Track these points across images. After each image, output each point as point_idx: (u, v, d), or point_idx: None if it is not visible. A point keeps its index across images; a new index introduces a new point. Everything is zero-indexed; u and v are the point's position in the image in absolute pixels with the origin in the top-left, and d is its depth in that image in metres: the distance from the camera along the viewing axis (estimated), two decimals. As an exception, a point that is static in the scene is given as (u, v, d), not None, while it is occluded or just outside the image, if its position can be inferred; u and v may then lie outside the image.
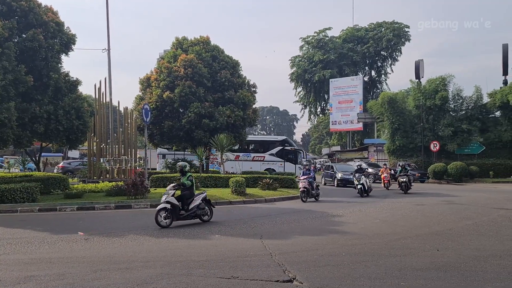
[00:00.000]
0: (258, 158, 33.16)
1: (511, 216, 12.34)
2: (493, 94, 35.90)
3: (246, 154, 33.91)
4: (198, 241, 8.70)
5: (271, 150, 33.67)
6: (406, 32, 54.18)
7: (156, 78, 27.40)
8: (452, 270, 6.29)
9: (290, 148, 33.57)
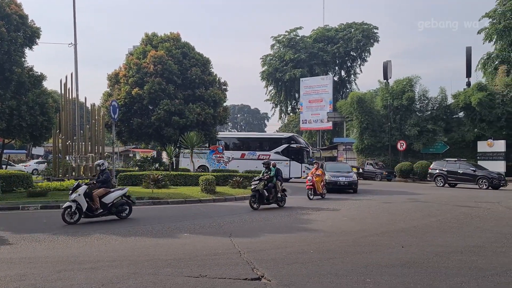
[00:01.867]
0: (263, 156, 30.80)
1: (472, 213, 12.77)
2: (457, 95, 37.09)
3: (251, 152, 32.09)
4: (166, 239, 8.59)
5: (277, 148, 31.47)
6: (375, 33, 55.25)
7: (125, 74, 26.91)
8: (416, 266, 6.45)
9: (296, 145, 30.87)
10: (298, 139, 32.08)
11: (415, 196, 18.56)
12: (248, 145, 33.19)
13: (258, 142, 33.84)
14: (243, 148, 32.63)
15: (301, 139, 32.97)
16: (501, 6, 38.35)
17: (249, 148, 32.68)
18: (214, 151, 25.71)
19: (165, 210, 13.59)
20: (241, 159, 31.00)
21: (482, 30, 40.59)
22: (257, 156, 31.40)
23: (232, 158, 29.07)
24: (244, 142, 33.81)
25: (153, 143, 36.61)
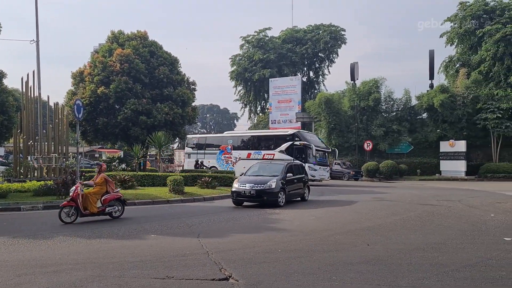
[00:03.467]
0: (268, 156, 28.46)
1: (434, 211, 13.18)
2: (420, 97, 38.26)
3: (257, 152, 29.51)
4: (133, 241, 8.45)
5: (281, 147, 28.52)
6: (342, 35, 56.13)
7: (90, 72, 26.32)
8: (380, 263, 6.61)
9: (299, 143, 27.53)
10: (304, 136, 28.52)
11: (380, 195, 18.99)
12: (254, 144, 30.61)
13: (264, 140, 30.80)
14: (250, 147, 30.16)
15: (309, 136, 29.33)
16: (461, 11, 39.77)
17: (255, 147, 30.17)
18: (223, 151, 25.19)
19: (132, 211, 13.35)
20: (247, 159, 28.45)
21: (444, 33, 41.97)
22: (262, 156, 28.79)
23: (240, 158, 27.07)
24: (250, 141, 31.07)
25: (120, 143, 35.97)
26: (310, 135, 30.12)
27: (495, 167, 33.51)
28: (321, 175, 27.57)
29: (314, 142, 27.96)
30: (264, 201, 14.17)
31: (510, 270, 6.24)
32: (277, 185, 14.25)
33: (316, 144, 28.10)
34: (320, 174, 27.28)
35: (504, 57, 35.23)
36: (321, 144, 29.54)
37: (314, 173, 26.22)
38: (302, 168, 17.34)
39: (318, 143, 28.80)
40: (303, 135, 28.72)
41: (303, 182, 16.42)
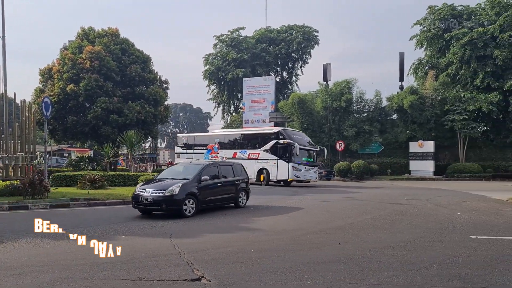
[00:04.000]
0: (253, 155, 26.97)
1: (404, 210, 13.47)
2: (391, 98, 39.05)
3: (242, 151, 27.82)
4: (103, 242, 8.27)
5: (265, 146, 26.71)
6: (315, 36, 56.64)
7: (59, 69, 25.66)
8: (351, 262, 6.71)
9: (283, 141, 25.62)
10: (289, 134, 26.58)
11: (352, 195, 19.27)
12: (240, 142, 29.01)
13: (249, 139, 28.89)
14: (236, 146, 28.69)
15: (295, 134, 27.20)
16: (430, 14, 40.80)
17: (240, 146, 28.63)
18: (210, 150, 24.22)
19: (102, 212, 13.11)
20: (233, 159, 26.78)
21: (414, 36, 42.97)
22: (247, 155, 27.24)
23: (226, 157, 25.33)
24: (236, 140, 29.52)
25: (90, 142, 35.24)
26: (296, 133, 27.96)
27: (462, 167, 34.57)
28: (307, 176, 25.76)
29: (300, 141, 26.00)
30: (164, 210, 11.60)
31: (476, 267, 6.44)
32: (182, 191, 11.65)
33: (302, 143, 26.02)
34: (305, 174, 25.53)
35: (470, 61, 36.35)
36: (308, 143, 27.35)
37: (298, 173, 24.94)
38: (238, 169, 14.73)
39: (304, 142, 26.71)
40: (288, 133, 26.79)
41: (235, 186, 14.00)
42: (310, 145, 27.22)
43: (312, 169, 26.18)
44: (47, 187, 15.05)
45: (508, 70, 35.37)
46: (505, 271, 6.24)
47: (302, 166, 25.26)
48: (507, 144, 36.40)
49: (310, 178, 26.17)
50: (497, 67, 35.34)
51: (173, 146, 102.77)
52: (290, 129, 29.05)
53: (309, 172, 25.87)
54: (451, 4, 40.31)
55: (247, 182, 14.86)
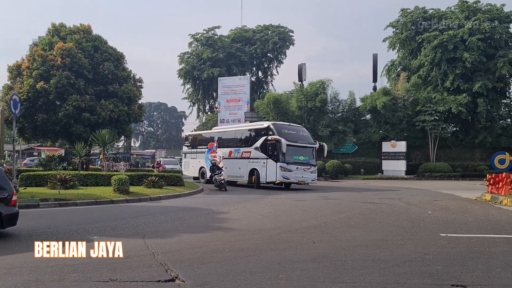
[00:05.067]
0: (245, 154, 24.13)
1: (377, 209, 13.70)
2: (364, 99, 39.69)
3: (236, 149, 25.01)
4: (73, 243, 8.08)
5: (256, 143, 23.46)
6: (291, 36, 56.98)
7: (28, 66, 24.92)
8: (326, 261, 6.76)
9: (272, 137, 22.24)
10: (278, 129, 22.94)
11: (326, 194, 19.47)
12: (235, 140, 26.03)
13: (244, 135, 25.66)
14: (232, 144, 25.79)
15: (286, 129, 23.42)
16: (403, 17, 41.65)
17: (236, 144, 25.64)
18: (210, 149, 23.01)
19: (73, 212, 12.82)
20: (229, 158, 24.75)
21: (387, 38, 43.76)
22: (241, 154, 24.49)
23: (223, 157, 23.30)
24: (233, 137, 26.52)
25: (61, 141, 34.41)
26: (289, 128, 23.93)
27: (432, 167, 35.42)
28: (300, 177, 22.11)
29: (290, 136, 22.34)
30: None
31: (446, 264, 6.59)
32: None
33: (292, 138, 22.31)
34: (297, 176, 21.98)
35: (441, 63, 37.29)
36: (302, 139, 23.18)
37: (287, 174, 21.76)
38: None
39: (297, 138, 22.88)
40: (278, 128, 23.03)
41: None
42: (304, 141, 23.15)
43: (307, 169, 22.53)
44: (15, 187, 14.58)
45: (477, 73, 36.47)
46: (473, 267, 6.42)
47: (293, 165, 21.90)
48: (476, 145, 37.52)
49: (304, 180, 22.34)
50: (466, 69, 36.39)
51: (147, 146, 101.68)
52: (281, 123, 25.50)
53: (303, 173, 22.24)
54: (422, 7, 41.27)
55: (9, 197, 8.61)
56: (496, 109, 37.54)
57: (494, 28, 36.44)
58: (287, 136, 22.17)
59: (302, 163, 22.47)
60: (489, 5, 38.63)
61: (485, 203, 15.90)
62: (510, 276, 6.04)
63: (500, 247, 8.05)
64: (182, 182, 21.64)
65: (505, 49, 36.75)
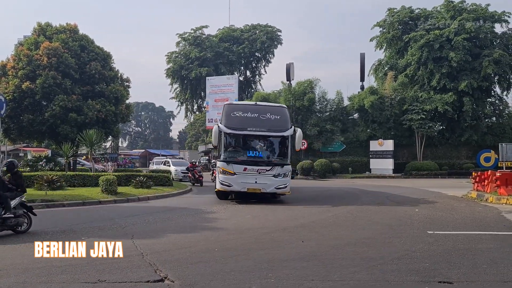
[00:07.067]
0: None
1: (364, 208, 13.82)
2: (352, 98, 39.92)
3: None
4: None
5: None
6: (279, 36, 57.02)
7: (14, 66, 24.57)
8: (314, 259, 6.81)
9: (217, 125, 16.32)
10: (229, 110, 16.13)
11: (314, 193, 19.54)
12: None
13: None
14: None
15: (241, 110, 16.25)
16: (390, 17, 41.97)
17: None
18: None
19: (61, 213, 12.71)
20: None
21: (374, 38, 44.06)
22: None
23: None
24: None
25: (48, 142, 33.99)
26: (246, 109, 16.50)
27: (419, 165, 35.75)
28: (250, 184, 14.97)
29: (244, 121, 15.44)
30: None
31: (433, 261, 6.68)
32: None
33: (245, 125, 15.35)
34: (244, 181, 14.97)
35: (427, 62, 37.65)
36: (264, 124, 15.43)
37: (229, 179, 15.01)
38: None
39: (254, 123, 15.37)
40: (229, 109, 16.21)
41: None
42: (265, 127, 15.35)
43: (264, 171, 14.99)
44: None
45: (462, 72, 36.91)
46: (460, 264, 6.52)
47: (239, 165, 15.01)
48: (461, 143, 37.97)
49: (259, 188, 14.97)
50: (452, 69, 36.79)
51: (134, 146, 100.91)
52: (238, 103, 20.36)
53: (257, 177, 14.94)
54: (409, 7, 41.62)
55: None
56: (481, 107, 38.00)
57: (479, 28, 36.90)
58: (236, 121, 15.47)
59: (255, 162, 15.11)
60: (474, 5, 39.09)
61: (471, 200, 16.12)
62: (496, 272, 6.14)
63: (486, 244, 8.18)
64: (170, 182, 21.57)
65: (490, 48, 37.21)
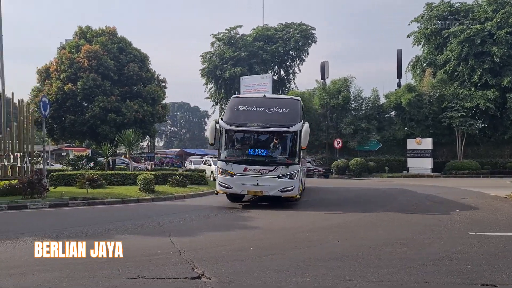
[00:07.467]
0: None
1: (402, 207, 13.52)
2: (388, 95, 39.11)
3: None
4: (102, 241, 8.28)
5: None
6: (313, 34, 56.61)
7: (57, 69, 25.61)
8: (351, 259, 6.73)
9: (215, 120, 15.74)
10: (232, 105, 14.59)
11: (349, 193, 19.29)
12: None
13: None
14: None
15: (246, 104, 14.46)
16: (428, 12, 40.82)
17: None
18: None
19: (101, 211, 13.12)
20: None
21: (411, 34, 42.98)
22: None
23: None
24: None
25: (88, 141, 35.16)
26: (251, 102, 14.57)
27: (460, 164, 34.62)
28: (251, 186, 13.37)
29: (247, 116, 13.84)
30: None
31: (475, 263, 6.47)
32: None
33: (247, 120, 13.76)
34: (245, 183, 13.36)
35: (468, 57, 36.39)
36: (268, 119, 13.68)
37: (228, 180, 13.55)
38: None
39: (258, 118, 13.71)
40: (233, 103, 14.66)
41: None
42: (268, 122, 13.58)
43: (267, 171, 13.23)
44: (46, 186, 15.03)
45: (506, 67, 35.43)
46: (504, 267, 6.27)
47: (239, 165, 13.41)
48: (505, 141, 36.49)
49: (261, 191, 13.39)
50: (495, 64, 35.39)
51: (170, 145, 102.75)
52: (244, 96, 19.89)
53: (258, 179, 13.25)
54: (448, 1, 40.34)
55: None
56: (526, 104, 36.39)
57: (524, 21, 35.31)
58: (237, 116, 13.94)
59: (256, 162, 13.37)
60: (519, -3, 37.47)
61: (515, 201, 15.47)
62: (542, 276, 5.88)
63: (531, 246, 7.84)
64: (206, 181, 21.83)
65: (535, 42, 35.56)
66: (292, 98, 15.73)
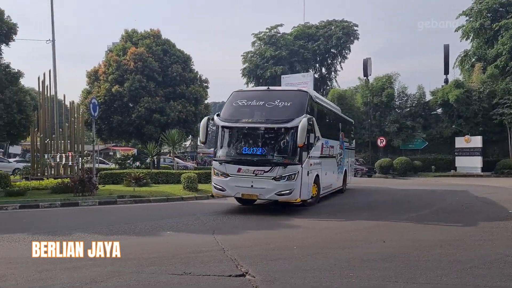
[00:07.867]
0: None
1: (451, 208, 13.08)
2: (435, 92, 37.84)
3: None
4: (149, 238, 8.55)
5: None
6: (355, 31, 55.68)
7: (105, 71, 26.62)
8: (397, 260, 6.57)
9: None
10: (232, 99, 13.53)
11: (394, 193, 18.85)
12: None
13: None
14: None
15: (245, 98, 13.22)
16: (477, 4, 39.16)
17: None
18: None
19: (147, 208, 13.51)
20: None
21: (459, 28, 41.37)
22: None
23: None
24: None
25: (134, 141, 36.28)
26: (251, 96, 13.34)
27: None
28: (245, 188, 12.06)
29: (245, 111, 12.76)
30: None
31: (530, 267, 6.15)
32: None
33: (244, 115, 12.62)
34: (239, 185, 12.08)
35: (521, 51, 34.63)
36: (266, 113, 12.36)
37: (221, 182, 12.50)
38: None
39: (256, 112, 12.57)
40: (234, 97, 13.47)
41: None
42: (265, 117, 12.23)
43: (262, 172, 11.80)
44: (95, 184, 15.66)
45: (562, 60, 33.43)
46: (562, 271, 5.93)
47: (233, 166, 12.17)
48: (562, 139, 34.41)
49: (255, 194, 12.01)
50: (550, 57, 33.46)
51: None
52: (247, 89, 18.98)
53: (253, 180, 11.85)
54: (498, -7, 38.52)
55: None
56: None
57: None
58: (234, 111, 12.90)
59: (251, 162, 12.01)
60: None
61: None
62: None
63: None
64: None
65: None
66: (299, 90, 13.83)
